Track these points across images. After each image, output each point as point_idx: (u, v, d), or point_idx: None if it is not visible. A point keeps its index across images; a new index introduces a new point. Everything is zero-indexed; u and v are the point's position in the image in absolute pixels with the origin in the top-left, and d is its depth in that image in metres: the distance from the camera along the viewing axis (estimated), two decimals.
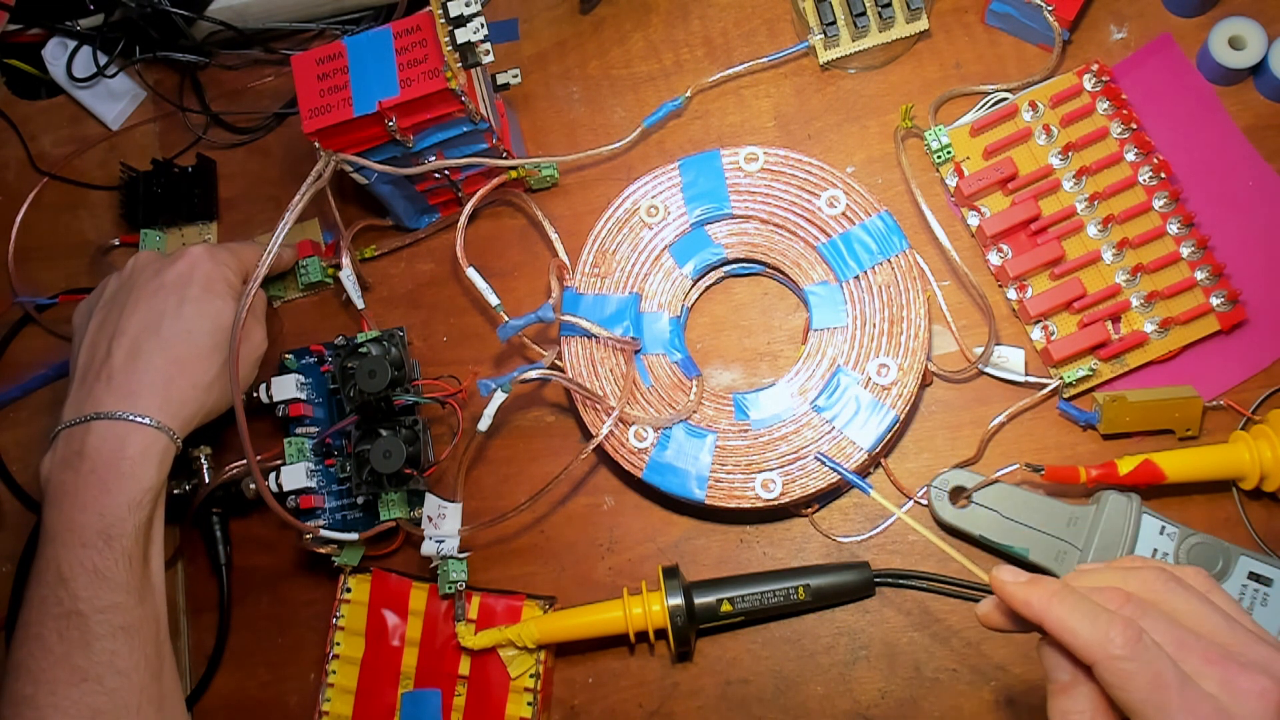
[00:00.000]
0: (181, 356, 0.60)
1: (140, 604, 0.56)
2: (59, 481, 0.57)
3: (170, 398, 0.59)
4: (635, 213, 0.66)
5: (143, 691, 0.55)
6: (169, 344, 0.60)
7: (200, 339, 0.61)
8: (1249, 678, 0.39)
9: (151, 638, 0.57)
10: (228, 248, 0.65)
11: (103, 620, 0.55)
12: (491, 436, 0.68)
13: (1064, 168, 0.64)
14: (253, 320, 0.65)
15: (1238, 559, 0.58)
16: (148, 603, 0.57)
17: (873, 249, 0.63)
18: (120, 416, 0.58)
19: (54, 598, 0.55)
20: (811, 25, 0.68)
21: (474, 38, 0.58)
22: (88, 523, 0.56)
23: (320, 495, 0.65)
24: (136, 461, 0.57)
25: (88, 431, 0.58)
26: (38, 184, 0.77)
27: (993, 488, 0.61)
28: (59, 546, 0.56)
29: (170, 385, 0.60)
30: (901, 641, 0.63)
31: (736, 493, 0.62)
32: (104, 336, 0.61)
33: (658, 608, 0.61)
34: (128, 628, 0.55)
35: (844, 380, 0.62)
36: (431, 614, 0.65)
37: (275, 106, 0.75)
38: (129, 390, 0.59)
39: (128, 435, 0.58)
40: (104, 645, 0.54)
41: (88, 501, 0.56)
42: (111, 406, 0.58)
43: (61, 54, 0.75)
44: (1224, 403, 0.62)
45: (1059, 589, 0.42)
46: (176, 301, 0.61)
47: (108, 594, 0.55)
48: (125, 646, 0.55)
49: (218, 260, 0.63)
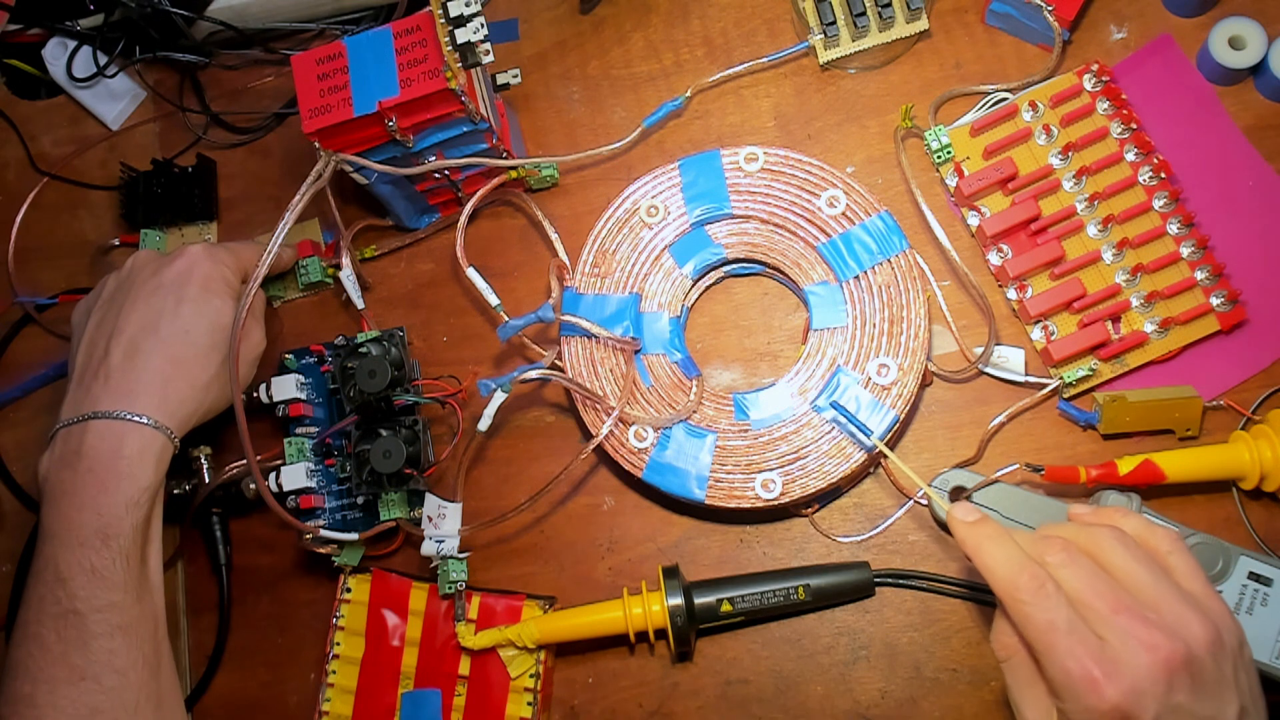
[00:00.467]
0: (179, 356, 0.60)
1: (138, 603, 0.57)
2: (57, 480, 0.57)
3: (168, 397, 0.59)
4: (635, 213, 0.66)
5: (141, 690, 0.55)
6: (167, 343, 0.60)
7: (198, 338, 0.61)
8: (1147, 631, 0.43)
9: (149, 636, 0.57)
10: (226, 247, 0.65)
11: (100, 619, 0.55)
12: (491, 436, 0.68)
13: (1064, 168, 0.64)
14: (252, 320, 0.65)
15: (1238, 559, 0.58)
16: (145, 601, 0.57)
17: (873, 249, 0.63)
18: (118, 416, 0.58)
19: (52, 596, 0.55)
20: (811, 25, 0.68)
21: (474, 38, 0.58)
22: (85, 521, 0.56)
23: (320, 495, 0.65)
24: (134, 461, 0.57)
25: (85, 430, 0.58)
26: (38, 184, 0.77)
27: (993, 488, 0.61)
28: (57, 545, 0.56)
29: (168, 385, 0.60)
30: (901, 641, 0.63)
31: (736, 493, 0.62)
32: (102, 335, 0.61)
33: (658, 608, 0.61)
34: (125, 627, 0.55)
35: (844, 380, 0.62)
36: (431, 614, 0.65)
37: (275, 106, 0.75)
38: (127, 389, 0.59)
39: (125, 434, 0.58)
40: (102, 644, 0.55)
41: (85, 500, 0.56)
42: (109, 406, 0.58)
43: (61, 54, 0.75)
44: (1224, 403, 0.62)
45: (995, 532, 0.47)
46: (175, 301, 0.61)
47: (105, 593, 0.55)
48: (123, 645, 0.55)
49: (216, 260, 0.63)
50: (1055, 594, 0.45)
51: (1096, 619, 0.44)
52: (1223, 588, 0.58)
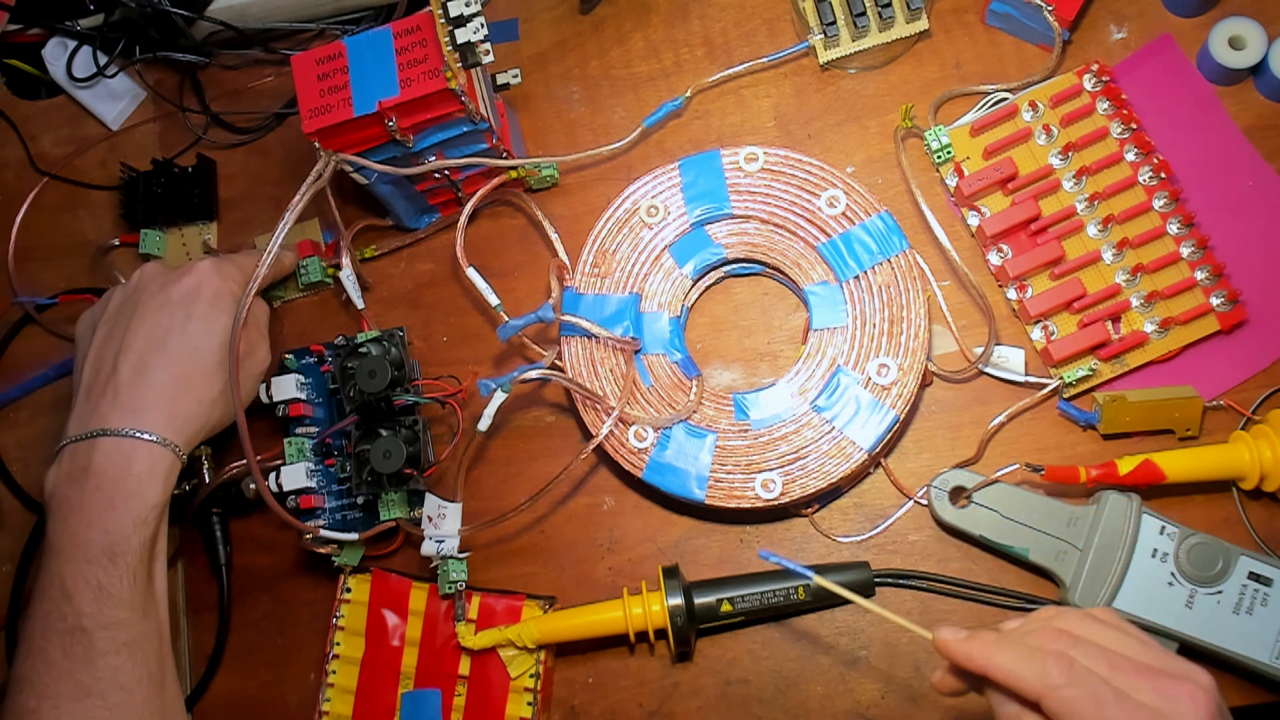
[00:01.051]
0: (187, 373, 0.60)
1: (144, 619, 0.57)
2: (64, 496, 0.57)
3: (176, 414, 0.59)
4: (635, 213, 0.66)
5: (145, 705, 0.55)
6: (175, 360, 0.60)
7: (206, 355, 0.61)
8: (1179, 685, 0.43)
9: (154, 652, 0.57)
10: (233, 261, 0.65)
11: (106, 636, 0.55)
12: (491, 436, 0.68)
13: (1064, 168, 0.64)
14: (256, 334, 0.65)
15: (1238, 559, 0.58)
16: (151, 618, 0.57)
17: (873, 249, 0.63)
18: (127, 434, 0.58)
19: (58, 613, 0.55)
20: (811, 25, 0.68)
21: (474, 38, 0.58)
22: (93, 539, 0.56)
23: (320, 495, 0.65)
24: (143, 479, 0.57)
25: (94, 448, 0.57)
26: (38, 184, 0.77)
27: (993, 488, 0.61)
28: (63, 562, 0.56)
29: (176, 402, 0.59)
30: (901, 641, 0.63)
31: (736, 493, 0.62)
32: (109, 351, 0.61)
33: (658, 608, 0.61)
34: (131, 644, 0.55)
35: (844, 380, 0.62)
36: (431, 614, 0.65)
37: (275, 106, 0.75)
38: (135, 407, 0.58)
39: (134, 452, 0.58)
40: (107, 661, 0.55)
41: (93, 518, 0.56)
42: (118, 423, 0.58)
43: (61, 54, 0.75)
44: (1224, 403, 0.62)
45: (995, 639, 0.46)
46: (183, 318, 0.61)
47: (112, 610, 0.55)
48: (128, 662, 0.55)
49: (224, 275, 0.63)
50: (1086, 670, 0.44)
51: (1129, 687, 0.44)
52: (1223, 588, 0.58)
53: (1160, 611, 0.58)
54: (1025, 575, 0.62)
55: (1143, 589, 0.58)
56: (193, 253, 0.74)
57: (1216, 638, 0.58)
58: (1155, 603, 0.58)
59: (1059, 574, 0.60)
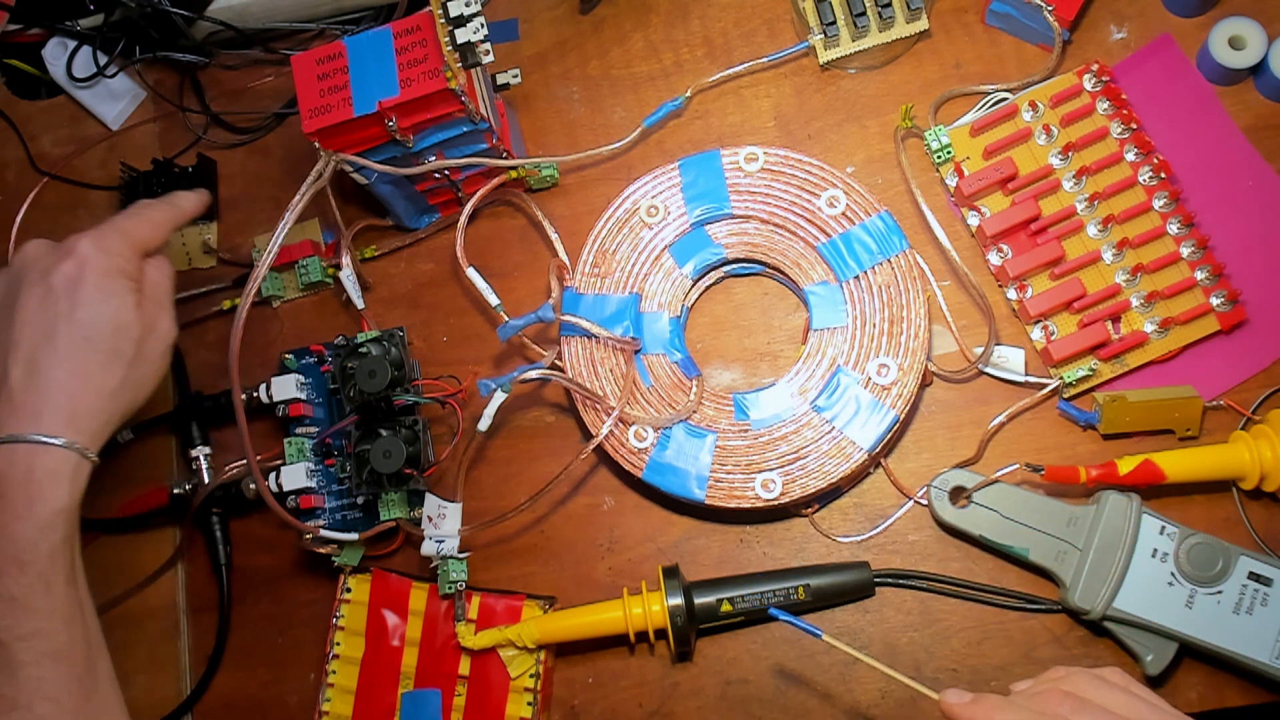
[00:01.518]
0: (82, 367, 0.55)
1: (66, 627, 0.53)
2: None
3: (77, 412, 0.55)
4: (635, 213, 0.66)
5: (75, 714, 0.53)
6: (68, 355, 0.55)
7: (100, 344, 0.56)
8: None
9: (81, 659, 0.54)
10: (116, 228, 0.58)
11: (25, 647, 0.52)
12: (491, 436, 0.68)
13: (1064, 168, 0.64)
14: (155, 307, 0.59)
15: (1238, 559, 0.58)
16: (75, 623, 0.54)
17: (873, 249, 0.63)
18: (26, 439, 0.53)
19: None
20: (811, 25, 0.68)
21: (474, 38, 0.58)
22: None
23: (320, 495, 0.65)
24: (45, 484, 0.53)
25: None
26: (38, 184, 0.77)
27: (993, 488, 0.61)
28: None
29: (75, 400, 0.55)
30: (901, 641, 0.63)
31: (736, 493, 0.62)
32: None
33: (658, 608, 0.61)
34: (54, 653, 0.53)
35: (844, 380, 0.62)
36: (431, 614, 0.65)
37: (275, 106, 0.75)
38: (32, 410, 0.54)
39: (34, 458, 0.53)
40: (29, 672, 0.52)
41: None
42: (15, 428, 0.54)
43: (61, 54, 0.75)
44: (1224, 403, 0.62)
45: (1000, 702, 0.46)
46: (69, 306, 0.55)
47: (27, 621, 0.52)
48: (52, 672, 0.52)
49: (108, 251, 0.57)
50: None
51: None
52: (1223, 588, 0.58)
53: (1160, 611, 0.58)
54: (1025, 575, 0.62)
55: (1143, 589, 0.58)
56: (193, 253, 0.74)
57: (1216, 638, 0.58)
58: (1155, 603, 0.58)
59: (1059, 574, 0.60)
